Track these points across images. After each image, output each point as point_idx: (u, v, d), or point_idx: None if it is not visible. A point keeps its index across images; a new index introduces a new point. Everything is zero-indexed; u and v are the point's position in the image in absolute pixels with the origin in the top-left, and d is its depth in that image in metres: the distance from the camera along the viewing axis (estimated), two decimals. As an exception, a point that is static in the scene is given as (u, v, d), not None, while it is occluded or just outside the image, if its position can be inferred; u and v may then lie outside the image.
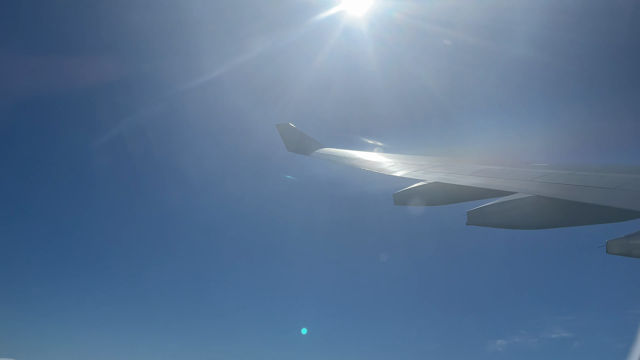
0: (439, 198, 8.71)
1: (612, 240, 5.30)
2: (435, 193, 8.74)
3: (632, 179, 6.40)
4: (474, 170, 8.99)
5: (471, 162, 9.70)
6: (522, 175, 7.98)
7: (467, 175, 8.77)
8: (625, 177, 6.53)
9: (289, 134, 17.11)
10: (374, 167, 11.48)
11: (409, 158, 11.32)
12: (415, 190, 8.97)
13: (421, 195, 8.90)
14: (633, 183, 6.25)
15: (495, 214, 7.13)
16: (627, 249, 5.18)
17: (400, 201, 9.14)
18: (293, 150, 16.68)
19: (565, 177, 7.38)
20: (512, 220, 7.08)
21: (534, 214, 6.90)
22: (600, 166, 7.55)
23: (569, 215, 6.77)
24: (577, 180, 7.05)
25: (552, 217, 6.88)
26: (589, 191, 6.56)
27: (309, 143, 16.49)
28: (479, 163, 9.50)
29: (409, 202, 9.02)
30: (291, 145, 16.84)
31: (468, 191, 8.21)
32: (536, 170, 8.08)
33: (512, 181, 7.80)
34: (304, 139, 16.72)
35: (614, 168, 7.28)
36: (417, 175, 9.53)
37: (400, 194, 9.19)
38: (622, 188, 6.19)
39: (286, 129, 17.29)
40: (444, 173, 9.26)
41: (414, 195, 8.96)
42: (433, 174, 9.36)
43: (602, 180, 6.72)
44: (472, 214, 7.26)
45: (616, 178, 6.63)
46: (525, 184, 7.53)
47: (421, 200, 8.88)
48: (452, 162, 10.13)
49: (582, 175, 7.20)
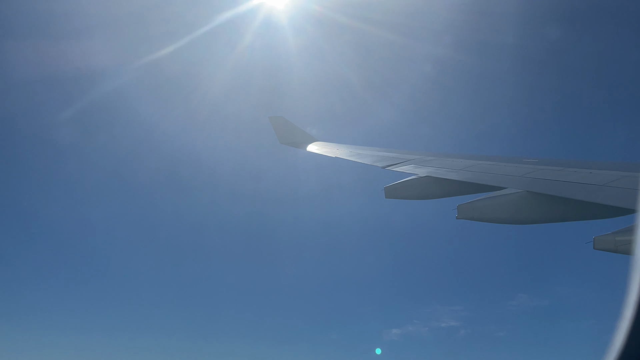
0: (430, 192, 8.77)
1: (599, 237, 5.36)
2: (426, 187, 8.79)
3: (621, 176, 6.46)
4: (465, 165, 9.04)
5: (462, 157, 9.75)
6: (513, 171, 8.03)
7: (458, 170, 8.82)
8: (613, 174, 6.58)
9: (282, 127, 17.11)
10: (366, 160, 11.50)
11: (401, 152, 11.35)
12: (406, 184, 9.02)
13: (412, 188, 8.95)
14: (621, 180, 6.30)
15: (485, 208, 7.19)
16: (614, 245, 5.24)
17: (392, 194, 9.19)
18: (285, 142, 16.69)
19: (555, 173, 7.44)
20: (502, 215, 7.15)
21: (523, 209, 6.97)
22: (590, 163, 7.61)
23: (558, 211, 6.84)
24: (566, 177, 7.11)
25: (541, 213, 6.95)
26: (578, 187, 6.61)
27: (301, 136, 16.50)
28: (470, 158, 9.55)
29: (400, 195, 9.07)
30: (284, 138, 16.84)
31: (459, 185, 8.26)
32: (526, 166, 8.14)
33: (503, 176, 7.85)
34: (297, 132, 16.73)
35: (603, 165, 7.34)
36: (409, 169, 9.57)
37: (391, 187, 9.23)
38: (610, 185, 6.24)
39: (279, 122, 17.28)
40: (435, 167, 9.30)
41: (405, 189, 9.01)
42: (424, 168, 9.40)
43: (591, 177, 6.78)
44: (462, 208, 7.31)
45: (605, 175, 6.68)
46: (515, 179, 7.59)
47: (412, 193, 8.92)
48: (444, 157, 10.18)
49: (572, 172, 7.26)
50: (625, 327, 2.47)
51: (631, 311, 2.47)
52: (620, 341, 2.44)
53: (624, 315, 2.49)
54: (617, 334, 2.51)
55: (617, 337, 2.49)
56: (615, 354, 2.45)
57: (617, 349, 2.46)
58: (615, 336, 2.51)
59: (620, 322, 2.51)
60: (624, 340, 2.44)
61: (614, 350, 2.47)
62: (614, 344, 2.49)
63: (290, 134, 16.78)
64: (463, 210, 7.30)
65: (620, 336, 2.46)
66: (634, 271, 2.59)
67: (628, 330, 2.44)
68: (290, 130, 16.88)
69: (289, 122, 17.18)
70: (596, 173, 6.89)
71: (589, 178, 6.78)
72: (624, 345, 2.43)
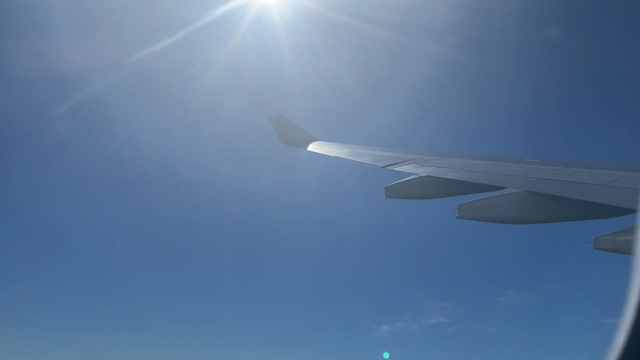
0: (430, 192, 8.76)
1: (599, 236, 5.35)
2: (426, 187, 8.79)
3: (621, 175, 6.46)
4: (466, 164, 9.03)
5: (463, 157, 9.74)
6: (513, 171, 8.02)
7: (459, 170, 8.81)
8: (614, 174, 6.58)
9: (282, 126, 17.09)
10: (366, 160, 11.49)
11: (401, 152, 11.34)
12: (407, 184, 9.01)
13: (413, 188, 8.94)
14: (622, 180, 6.30)
15: (485, 208, 7.18)
16: (614, 245, 5.23)
17: (392, 194, 9.18)
18: (286, 142, 16.67)
19: (555, 173, 7.43)
20: (502, 214, 7.14)
21: (524, 209, 6.96)
22: (590, 162, 7.60)
23: (558, 211, 6.83)
24: (567, 177, 7.10)
25: (541, 213, 6.95)
26: (579, 187, 6.61)
27: (301, 135, 16.48)
28: (470, 158, 9.54)
29: (401, 195, 9.06)
30: (284, 138, 16.83)
31: (459, 185, 8.25)
32: (527, 166, 8.13)
33: (503, 176, 7.85)
34: (297, 132, 16.71)
35: (604, 165, 7.33)
36: (409, 169, 9.56)
37: (392, 186, 9.22)
38: (611, 185, 6.24)
39: (279, 121, 17.26)
40: (435, 167, 9.29)
41: (406, 189, 9.01)
42: (425, 167, 9.39)
43: (592, 177, 6.77)
44: (462, 207, 7.30)
45: (605, 175, 6.68)
46: (516, 179, 7.58)
47: (412, 193, 8.92)
48: (444, 156, 10.17)
49: (572, 172, 7.25)
50: (626, 326, 2.46)
51: (632, 311, 2.47)
52: (621, 341, 2.44)
53: (625, 315, 2.49)
54: (617, 334, 2.50)
55: (618, 337, 2.48)
56: (616, 353, 2.45)
57: (618, 349, 2.45)
58: (616, 336, 2.51)
59: (621, 321, 2.51)
60: (625, 340, 2.43)
61: (615, 350, 2.47)
62: (614, 343, 2.49)
63: (291, 133, 16.76)
64: (463, 210, 7.29)
65: (621, 336, 2.45)
66: (634, 271, 2.58)
67: (629, 330, 2.44)
68: (291, 130, 16.86)
69: (289, 121, 17.16)
70: (597, 173, 6.89)
71: (589, 178, 6.78)
72: (625, 345, 2.43)
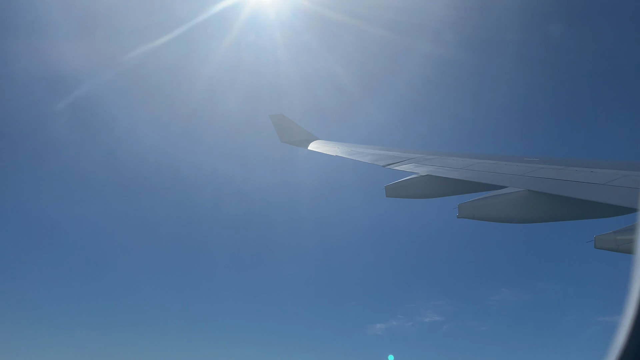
0: (431, 191, 8.75)
1: (600, 235, 5.35)
2: (426, 186, 8.78)
3: (622, 174, 6.45)
4: (466, 164, 9.03)
5: (463, 156, 9.74)
6: (513, 170, 8.02)
7: (459, 169, 8.81)
8: (614, 173, 6.57)
9: (283, 125, 17.09)
10: (366, 159, 11.49)
11: (402, 151, 11.33)
12: (407, 183, 9.01)
13: (413, 187, 8.94)
14: (622, 179, 6.29)
15: (485, 207, 7.18)
16: (615, 244, 5.23)
17: (392, 193, 9.18)
18: (286, 141, 16.67)
19: (556, 172, 7.43)
20: (503, 214, 7.14)
21: (525, 208, 6.96)
22: (591, 162, 7.59)
23: (559, 210, 6.83)
24: (567, 176, 7.10)
25: (542, 212, 6.94)
26: (579, 186, 6.60)
27: (302, 134, 16.48)
28: (470, 157, 9.54)
29: (401, 194, 9.06)
30: (284, 136, 16.82)
31: (459, 184, 8.25)
32: (527, 165, 8.13)
33: (504, 175, 7.84)
34: (297, 131, 16.70)
35: (604, 164, 7.32)
36: (410, 168, 9.56)
37: (392, 186, 9.22)
38: (612, 184, 6.23)
39: (280, 120, 17.26)
40: (436, 166, 9.29)
41: (406, 188, 9.01)
42: (425, 166, 9.39)
43: (592, 176, 6.77)
44: (463, 207, 7.30)
45: (606, 174, 6.67)
46: (516, 178, 7.57)
47: (413, 192, 8.92)
48: (444, 155, 10.17)
49: (573, 171, 7.25)
50: (627, 325, 2.46)
51: (633, 310, 2.46)
52: (622, 339, 2.44)
53: (626, 314, 2.49)
54: (618, 333, 2.50)
55: (619, 336, 2.48)
56: (617, 352, 2.45)
57: (618, 348, 2.45)
58: (616, 334, 2.51)
59: (622, 320, 2.51)
60: (626, 339, 2.43)
61: (616, 349, 2.47)
62: (615, 342, 2.49)
63: (291, 132, 16.76)
64: (464, 209, 7.29)
65: (622, 335, 2.45)
66: (635, 270, 2.58)
67: (630, 329, 2.44)
68: (291, 129, 16.85)
69: (289, 120, 17.15)
70: (597, 172, 6.88)
71: (590, 177, 6.77)
72: (626, 344, 2.43)
